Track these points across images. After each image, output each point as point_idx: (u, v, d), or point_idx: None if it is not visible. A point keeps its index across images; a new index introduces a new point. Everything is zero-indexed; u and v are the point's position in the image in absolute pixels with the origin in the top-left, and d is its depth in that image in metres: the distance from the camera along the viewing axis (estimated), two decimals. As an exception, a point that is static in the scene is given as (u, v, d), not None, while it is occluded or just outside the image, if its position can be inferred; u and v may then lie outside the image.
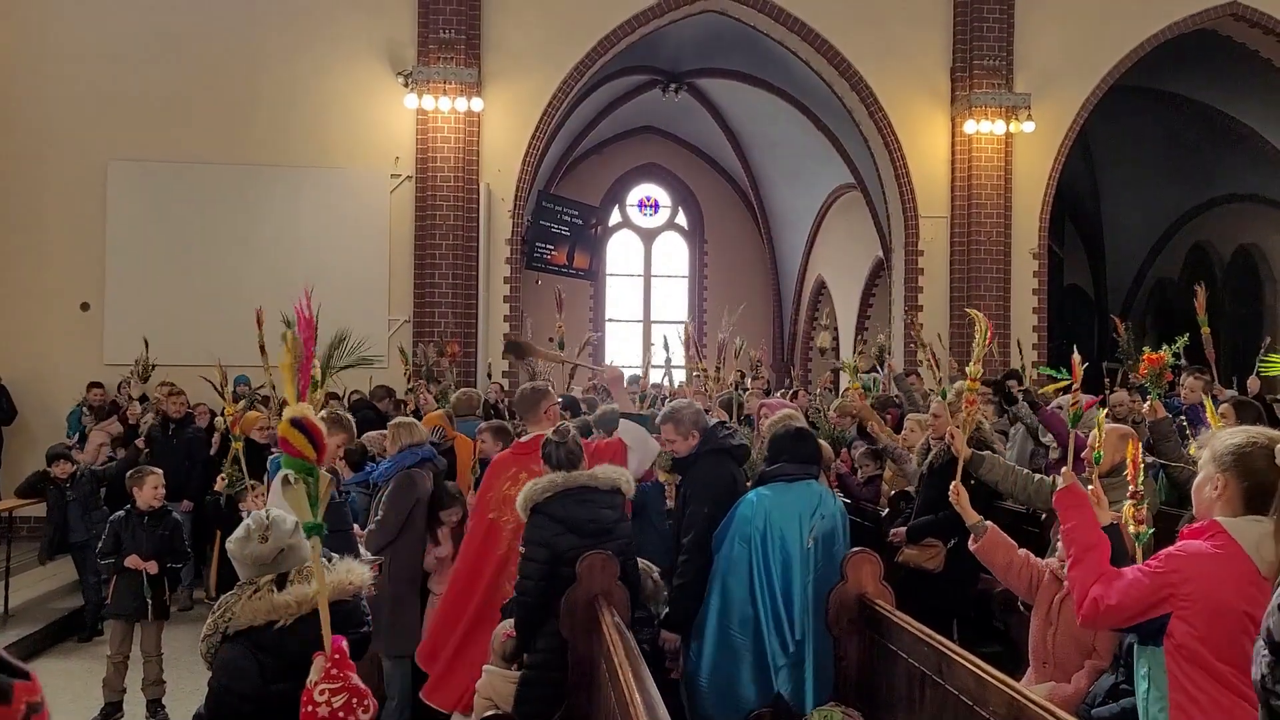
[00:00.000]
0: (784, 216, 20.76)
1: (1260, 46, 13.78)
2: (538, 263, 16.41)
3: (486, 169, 12.47)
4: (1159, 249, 20.05)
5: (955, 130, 13.15)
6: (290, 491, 2.43)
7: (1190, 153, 17.14)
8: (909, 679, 4.06)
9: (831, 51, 13.07)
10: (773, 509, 4.68)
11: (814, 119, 15.69)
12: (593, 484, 4.58)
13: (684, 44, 15.66)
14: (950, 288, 13.18)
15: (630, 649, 4.00)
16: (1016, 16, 13.01)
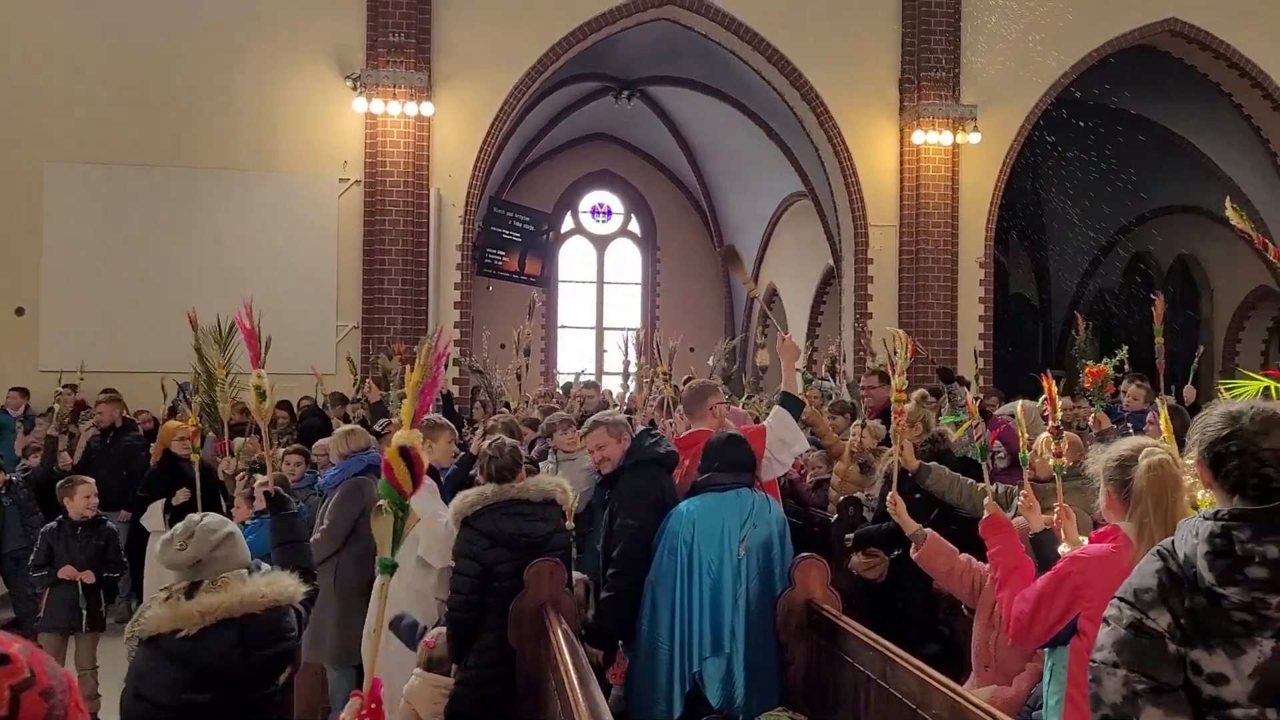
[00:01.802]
0: (736, 224, 20.87)
1: (1197, 62, 14.13)
2: (489, 269, 16.33)
3: (437, 174, 12.38)
4: (1100, 259, 20.46)
5: (904, 140, 13.33)
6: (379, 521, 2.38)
7: (1130, 165, 17.49)
8: (854, 683, 4.09)
9: (783, 61, 13.18)
10: (701, 520, 4.61)
11: (765, 127, 15.80)
12: (524, 496, 4.55)
13: (637, 51, 15.69)
14: (899, 296, 13.34)
15: (579, 659, 3.98)
16: (963, 30, 13.22)
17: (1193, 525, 2.04)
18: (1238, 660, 1.94)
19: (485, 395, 11.86)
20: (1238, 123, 14.56)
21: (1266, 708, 1.91)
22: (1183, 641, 1.97)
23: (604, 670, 4.90)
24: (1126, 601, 2.04)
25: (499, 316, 17.13)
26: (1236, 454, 2.02)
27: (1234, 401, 2.15)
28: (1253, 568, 1.92)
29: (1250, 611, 1.94)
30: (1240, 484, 2.02)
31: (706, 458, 4.87)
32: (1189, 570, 2.01)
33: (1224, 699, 1.94)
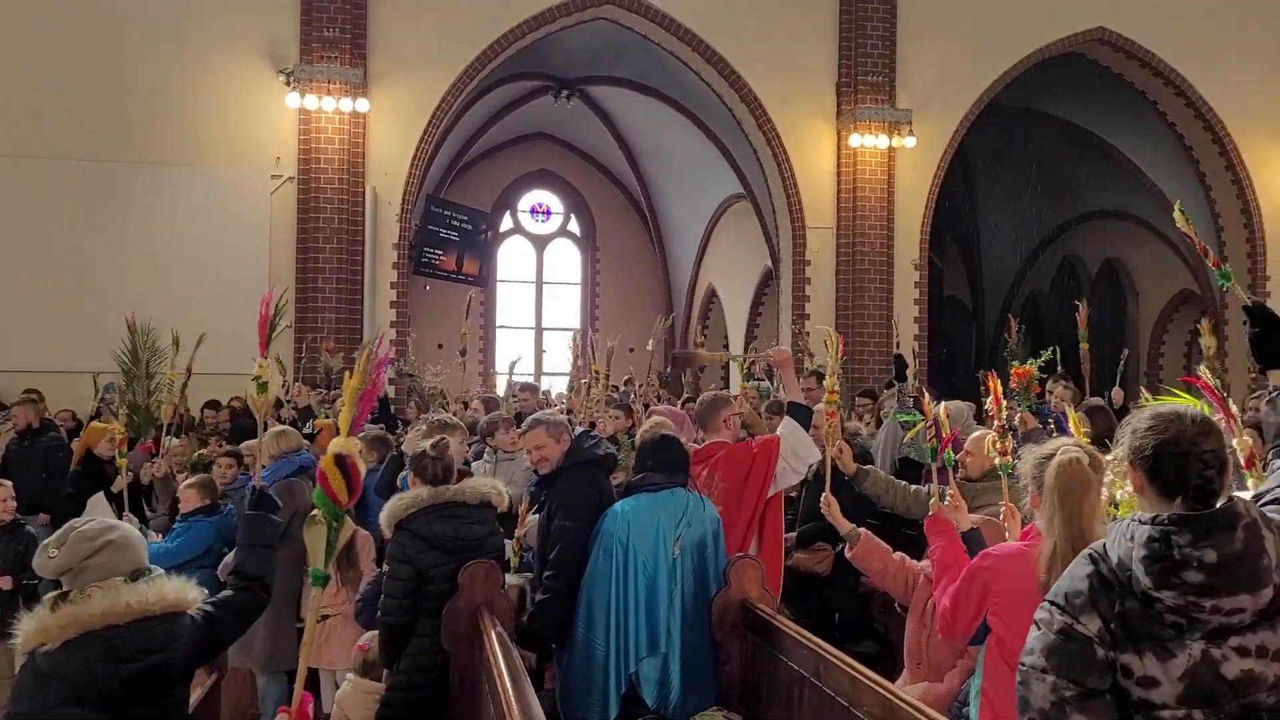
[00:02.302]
0: (675, 225, 20.93)
1: (1125, 70, 14.48)
2: (426, 268, 16.17)
3: (373, 172, 12.21)
4: (1031, 262, 20.89)
5: (841, 143, 13.46)
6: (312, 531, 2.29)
7: (1060, 170, 17.88)
8: (788, 681, 4.10)
9: (721, 63, 13.24)
10: (635, 520, 4.60)
11: (705, 129, 15.86)
12: (460, 499, 4.50)
13: (576, 51, 15.65)
14: (836, 297, 13.47)
15: (512, 661, 3.94)
16: (899, 36, 13.39)
17: (1127, 529, 2.04)
18: (1167, 664, 1.95)
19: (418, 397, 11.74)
20: (1163, 130, 14.94)
21: (1194, 709, 1.94)
22: (1112, 646, 1.98)
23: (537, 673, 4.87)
24: (1057, 605, 2.05)
25: (437, 316, 17.00)
26: (1181, 456, 2.02)
27: (1160, 405, 2.16)
28: (1190, 572, 1.94)
29: (1183, 615, 1.96)
30: (1181, 486, 2.02)
31: (640, 458, 4.88)
32: (1122, 574, 2.02)
33: (1153, 701, 1.96)
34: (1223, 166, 14.54)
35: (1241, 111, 14.25)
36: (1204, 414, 2.10)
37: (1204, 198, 14.91)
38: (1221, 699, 1.95)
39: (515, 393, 11.19)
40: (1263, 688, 1.96)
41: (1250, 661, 1.95)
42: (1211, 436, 2.04)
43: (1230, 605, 1.94)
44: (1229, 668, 1.95)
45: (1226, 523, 1.96)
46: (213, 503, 6.10)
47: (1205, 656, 1.95)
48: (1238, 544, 1.95)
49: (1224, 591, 1.93)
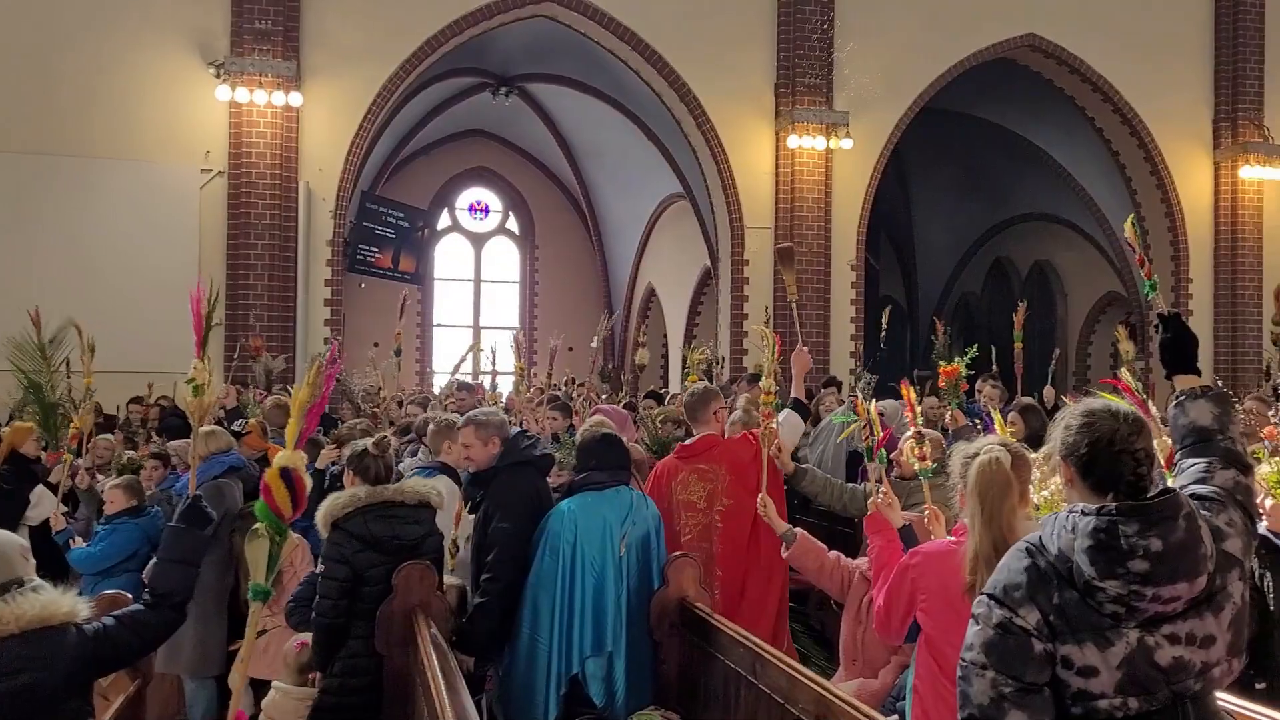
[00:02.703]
0: (615, 224, 20.92)
1: (1054, 76, 14.80)
2: (361, 265, 15.95)
3: (306, 167, 12.01)
4: (964, 263, 21.28)
5: (779, 144, 13.55)
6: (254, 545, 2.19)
7: (992, 173, 18.23)
8: (725, 680, 4.11)
9: (660, 62, 13.25)
10: (582, 519, 4.60)
11: (644, 128, 15.87)
12: (398, 499, 4.43)
13: (515, 48, 15.56)
14: (774, 297, 13.55)
15: (447, 663, 3.89)
16: (836, 39, 13.52)
17: (1066, 521, 2.07)
18: (1106, 653, 2.00)
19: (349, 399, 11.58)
20: (1091, 135, 15.30)
21: (1129, 697, 2.00)
22: (1050, 638, 2.02)
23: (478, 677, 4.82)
24: (995, 599, 2.08)
25: (372, 314, 16.79)
26: (1116, 454, 2.08)
27: (1091, 402, 2.21)
28: (1136, 561, 1.98)
29: (1123, 604, 2.01)
30: (1114, 482, 2.08)
31: (582, 457, 4.87)
32: (1062, 566, 2.05)
33: (1092, 691, 2.01)
34: (1148, 172, 14.93)
35: (1165, 118, 14.64)
36: (1135, 412, 2.16)
37: (1129, 202, 15.29)
38: (1155, 686, 2.01)
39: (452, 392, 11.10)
40: (1190, 674, 2.03)
41: (1180, 649, 2.02)
42: (1143, 435, 2.10)
43: (1169, 594, 2.00)
44: (1161, 655, 2.01)
45: (1171, 513, 2.02)
46: (139, 504, 5.95)
47: (1140, 644, 2.01)
48: (1181, 533, 2.01)
49: (1165, 580, 1.99)
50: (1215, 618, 2.06)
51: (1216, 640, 2.06)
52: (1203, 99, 14.94)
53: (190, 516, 3.37)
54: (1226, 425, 2.33)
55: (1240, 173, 14.72)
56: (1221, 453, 2.29)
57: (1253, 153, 14.64)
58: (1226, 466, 2.27)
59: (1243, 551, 2.15)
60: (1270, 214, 14.95)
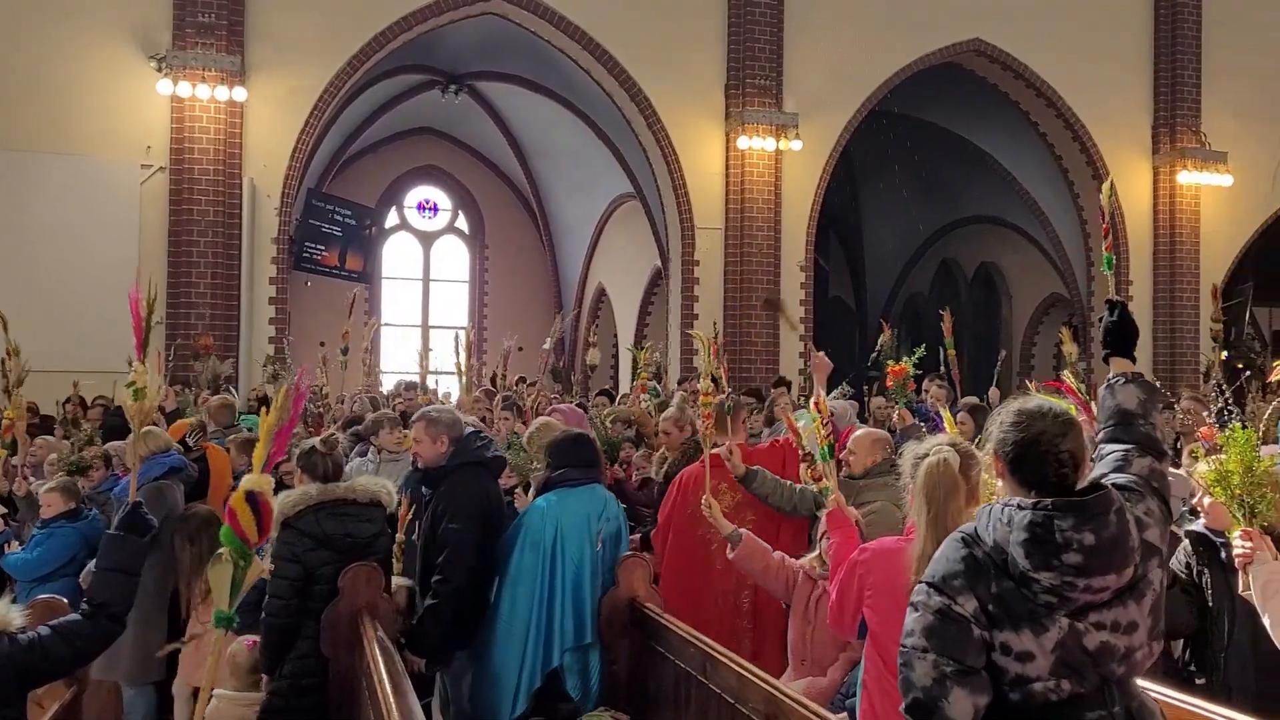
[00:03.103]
0: (565, 223, 20.85)
1: (999, 81, 15.02)
2: (307, 263, 15.73)
3: (251, 163, 11.82)
4: (912, 265, 21.52)
5: (729, 145, 13.59)
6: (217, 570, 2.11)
7: (940, 176, 18.45)
8: (675, 680, 4.12)
9: (611, 62, 13.23)
10: (562, 514, 4.67)
11: (594, 128, 15.83)
12: (350, 496, 4.39)
13: (464, 45, 15.44)
14: (724, 298, 13.60)
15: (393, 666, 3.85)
16: (785, 40, 13.59)
17: (1001, 514, 2.16)
18: (1041, 638, 2.10)
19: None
20: (1035, 139, 15.55)
21: (1062, 680, 2.10)
22: (988, 625, 2.11)
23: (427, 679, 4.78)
24: (934, 587, 2.16)
25: (319, 313, 16.55)
26: (1040, 455, 2.17)
27: (1025, 400, 2.30)
28: (1070, 554, 2.07)
29: (1056, 594, 2.10)
30: (1041, 481, 2.17)
31: (558, 455, 4.92)
32: (998, 556, 2.14)
33: (1028, 675, 2.10)
34: (1089, 176, 15.20)
35: (1106, 124, 14.92)
36: (1066, 412, 2.26)
37: (1072, 205, 15.57)
38: (1084, 670, 2.12)
39: (400, 391, 11.01)
40: (1115, 658, 2.14)
41: (1106, 634, 2.13)
42: (1069, 436, 2.20)
43: (1099, 584, 2.11)
44: (1090, 640, 2.12)
45: (1104, 509, 2.12)
46: (76, 507, 5.80)
47: (1071, 630, 2.11)
48: (1113, 528, 2.11)
49: (1097, 572, 2.09)
50: (1138, 605, 2.17)
51: (1139, 626, 2.17)
52: (1143, 105, 15.25)
53: (130, 524, 3.29)
54: (1149, 411, 2.43)
55: (1178, 177, 15.05)
56: (1141, 438, 2.39)
57: (1190, 158, 14.98)
58: (1143, 454, 2.37)
59: (1161, 539, 2.27)
60: (1207, 218, 15.30)
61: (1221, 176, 15.04)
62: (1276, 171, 15.30)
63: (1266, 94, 15.32)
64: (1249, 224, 15.61)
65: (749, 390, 10.81)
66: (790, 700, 3.15)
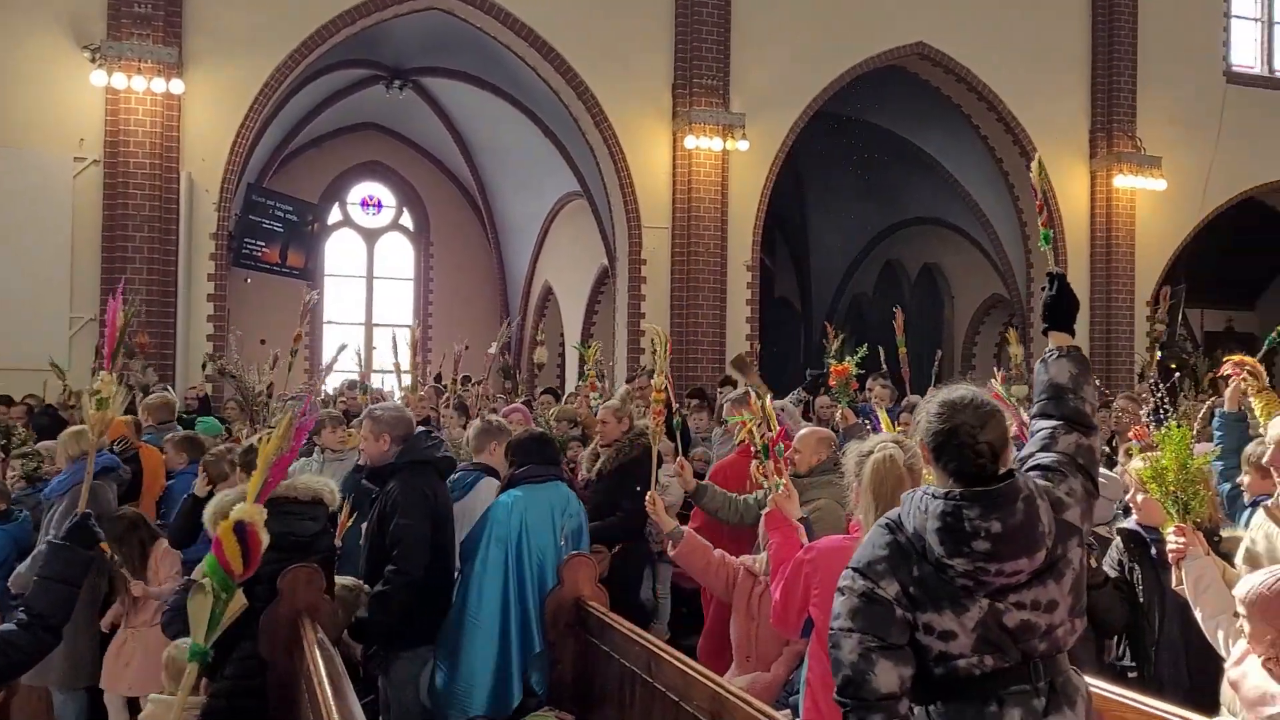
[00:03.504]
0: (511, 221, 20.74)
1: (942, 84, 15.22)
2: (247, 260, 15.44)
3: (189, 157, 11.56)
4: (856, 265, 21.73)
5: (677, 144, 13.60)
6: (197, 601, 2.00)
7: (884, 178, 18.65)
8: (620, 679, 4.11)
9: (558, 60, 13.17)
10: (528, 509, 4.81)
11: (541, 125, 15.75)
12: (290, 495, 4.32)
13: (409, 40, 15.27)
14: (671, 297, 13.61)
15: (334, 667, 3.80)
16: (732, 41, 13.63)
17: (920, 502, 2.26)
18: (962, 617, 2.20)
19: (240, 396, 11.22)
20: (976, 142, 15.78)
21: (985, 656, 2.21)
22: (910, 607, 2.22)
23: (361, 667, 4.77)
24: (859, 572, 2.27)
25: (259, 310, 16.29)
26: (960, 446, 2.25)
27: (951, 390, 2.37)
28: (979, 541, 2.17)
29: (971, 578, 2.20)
30: (960, 470, 2.25)
31: (520, 454, 5.06)
32: (918, 542, 2.24)
33: (951, 653, 2.21)
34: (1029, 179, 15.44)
35: (1045, 127, 15.16)
36: (988, 403, 2.33)
37: (1012, 208, 15.82)
38: (1006, 646, 2.22)
39: (343, 390, 10.88)
40: (1036, 635, 2.24)
41: (1026, 613, 2.23)
42: (989, 427, 2.27)
43: (1011, 568, 2.20)
44: (1010, 619, 2.22)
45: (1009, 497, 2.21)
46: (6, 509, 5.65)
47: (991, 609, 2.21)
48: (1019, 515, 2.20)
49: (1007, 558, 2.19)
50: (1057, 584, 2.26)
51: (1059, 604, 2.26)
52: (1081, 110, 15.54)
53: (77, 534, 3.19)
54: (1080, 386, 2.50)
55: (1115, 181, 15.36)
56: (1070, 413, 2.45)
57: (1126, 162, 15.30)
58: (1071, 430, 2.44)
59: (1081, 518, 2.35)
60: (1142, 221, 15.65)
61: (1156, 181, 15.38)
62: (1208, 177, 15.70)
63: (1197, 102, 15.72)
64: (1182, 227, 16.00)
65: (694, 391, 10.84)
66: (734, 698, 3.15)
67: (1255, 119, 16.00)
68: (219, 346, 11.69)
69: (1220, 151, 15.66)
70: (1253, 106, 16.09)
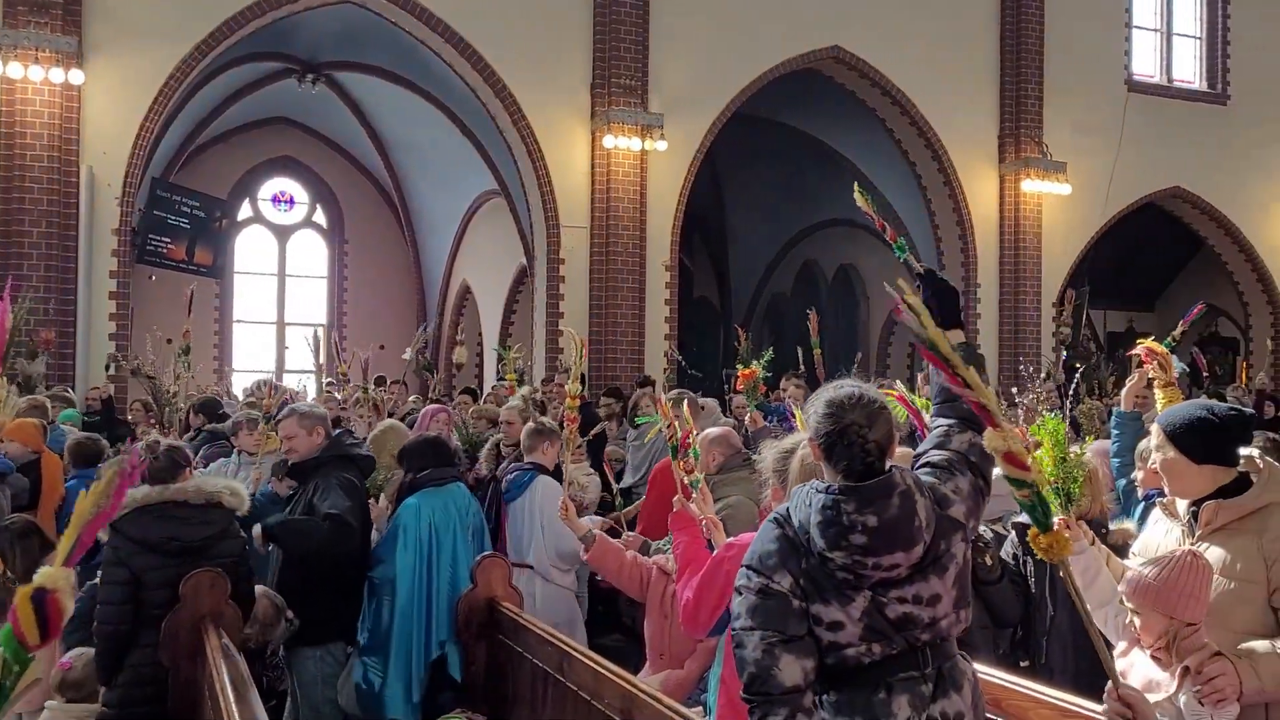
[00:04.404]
0: (429, 220, 20.49)
1: (856, 88, 15.45)
2: (151, 256, 14.97)
3: (89, 150, 11.17)
4: (775, 266, 21.96)
5: (595, 144, 13.58)
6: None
7: (802, 179, 18.88)
8: (533, 678, 4.10)
9: (475, 57, 13.03)
10: (435, 512, 4.91)
11: (458, 123, 15.58)
12: (181, 498, 4.23)
13: (321, 33, 14.98)
14: (590, 296, 13.58)
15: (238, 672, 3.72)
16: (650, 42, 13.65)
17: (806, 496, 2.33)
18: (849, 608, 2.27)
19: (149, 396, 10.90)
20: (890, 146, 16.06)
21: (872, 644, 2.28)
22: (803, 598, 2.28)
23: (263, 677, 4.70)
24: (753, 569, 2.33)
25: (167, 309, 15.80)
26: (848, 445, 2.31)
27: (838, 388, 2.41)
28: (856, 535, 2.24)
29: (851, 571, 2.27)
30: (850, 469, 2.32)
31: (415, 457, 5.17)
32: (803, 536, 2.31)
33: (840, 642, 2.27)
34: (941, 182, 15.79)
35: (956, 132, 15.52)
36: (876, 401, 2.38)
37: (925, 211, 16.15)
38: (891, 636, 2.29)
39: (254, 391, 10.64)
40: (919, 627, 2.31)
41: (909, 607, 2.30)
42: (876, 426, 2.34)
43: (888, 562, 2.27)
44: (891, 610, 2.29)
45: (885, 492, 2.27)
46: None
47: (874, 601, 2.28)
48: (894, 509, 2.26)
49: (883, 551, 2.25)
50: (940, 578, 2.33)
51: (942, 598, 2.33)
52: (990, 115, 15.93)
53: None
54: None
55: (1022, 185, 15.78)
56: (964, 412, 2.50)
57: (1033, 167, 15.73)
58: (965, 429, 2.51)
59: (966, 515, 2.42)
60: (1048, 225, 16.10)
61: (1061, 186, 15.84)
62: (1110, 182, 16.23)
63: (1099, 111, 16.22)
64: (1086, 231, 16.50)
65: (611, 390, 10.84)
66: (645, 695, 3.15)
67: (1155, 126, 16.60)
68: (122, 346, 11.32)
69: (1121, 157, 16.19)
70: (1152, 114, 16.68)
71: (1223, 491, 2.94)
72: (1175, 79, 17.50)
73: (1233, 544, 2.89)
